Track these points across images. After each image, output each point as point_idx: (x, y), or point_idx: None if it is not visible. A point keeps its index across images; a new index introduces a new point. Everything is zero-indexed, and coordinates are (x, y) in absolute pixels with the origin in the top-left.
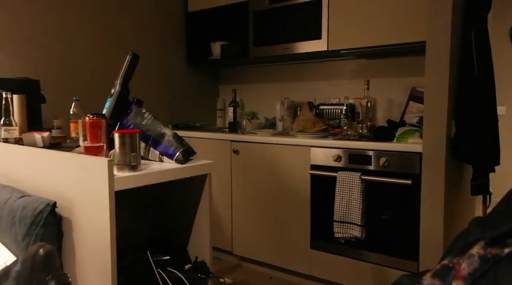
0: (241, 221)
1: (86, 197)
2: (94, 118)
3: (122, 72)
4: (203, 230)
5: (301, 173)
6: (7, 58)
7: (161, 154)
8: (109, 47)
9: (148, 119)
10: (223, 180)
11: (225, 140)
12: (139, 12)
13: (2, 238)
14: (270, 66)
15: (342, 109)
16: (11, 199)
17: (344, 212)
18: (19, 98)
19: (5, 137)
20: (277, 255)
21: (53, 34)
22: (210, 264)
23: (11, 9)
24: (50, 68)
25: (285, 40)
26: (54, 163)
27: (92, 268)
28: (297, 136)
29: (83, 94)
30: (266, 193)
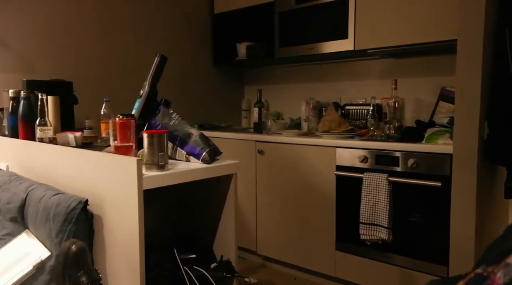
0: (265, 221)
1: (116, 195)
2: (124, 118)
3: (150, 74)
4: (228, 230)
5: (327, 174)
6: (43, 61)
7: (187, 154)
8: (138, 49)
9: (175, 119)
10: (248, 180)
11: (250, 141)
12: (166, 15)
13: (38, 233)
14: (295, 66)
15: (369, 109)
16: (46, 196)
17: (371, 214)
18: (54, 99)
19: (40, 137)
20: (302, 256)
21: (85, 38)
22: (235, 263)
23: (46, 16)
24: (82, 70)
25: (311, 40)
26: (86, 162)
27: (121, 264)
28: (322, 136)
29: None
30: (291, 194)
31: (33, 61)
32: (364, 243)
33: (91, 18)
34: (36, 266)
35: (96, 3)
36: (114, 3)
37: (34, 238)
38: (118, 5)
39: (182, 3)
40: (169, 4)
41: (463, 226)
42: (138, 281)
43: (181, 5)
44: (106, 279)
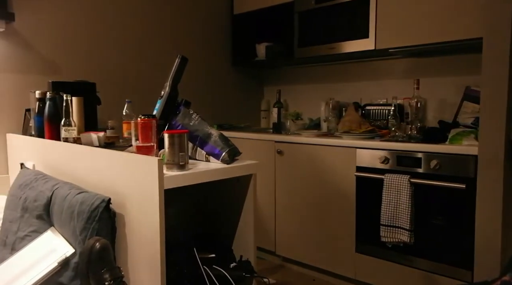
0: (284, 222)
1: (138, 194)
2: (146, 119)
3: (171, 75)
4: (247, 230)
5: (347, 175)
6: (68, 63)
7: (207, 154)
8: (158, 51)
9: (195, 120)
10: (267, 181)
11: (269, 141)
12: (186, 17)
13: (63, 231)
14: (315, 66)
15: (390, 109)
16: (70, 195)
17: (392, 216)
18: (78, 100)
19: (65, 137)
20: (321, 257)
21: (108, 40)
22: (254, 263)
23: (72, 20)
24: (105, 71)
25: (330, 40)
26: (108, 162)
27: (142, 262)
28: (342, 137)
29: (135, 96)
30: (310, 194)
31: (59, 63)
32: (384, 245)
33: (113, 21)
34: (61, 263)
35: (118, 6)
36: (136, 7)
37: (59, 235)
38: (139, 9)
39: (202, 5)
40: (189, 6)
41: (488, 230)
42: (159, 279)
43: (201, 7)
44: (128, 276)
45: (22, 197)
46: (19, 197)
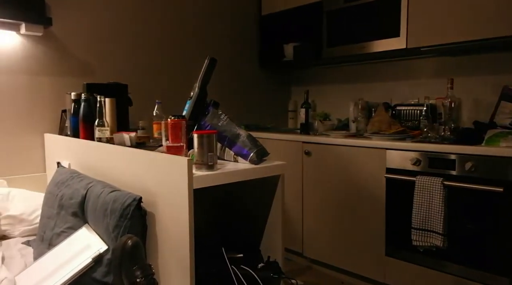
0: (312, 223)
1: (168, 193)
2: (175, 119)
3: (200, 76)
4: (275, 231)
5: (376, 177)
6: (102, 65)
7: (236, 154)
8: (188, 53)
9: (224, 120)
10: (295, 181)
11: (297, 142)
12: (214, 17)
13: (96, 228)
14: (343, 66)
15: (422, 110)
16: (103, 193)
17: (424, 219)
18: (110, 101)
19: (99, 137)
20: (350, 260)
21: (138, 43)
22: (282, 264)
23: (105, 24)
24: (136, 73)
25: (360, 39)
26: (139, 161)
27: (172, 260)
28: (372, 138)
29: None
30: (339, 196)
31: (93, 66)
32: (416, 249)
33: (144, 25)
34: (95, 259)
35: (148, 11)
36: (165, 11)
37: (93, 232)
38: (168, 12)
39: (230, 7)
40: (218, 9)
41: None
42: (188, 277)
43: (229, 8)
44: (158, 273)
45: (59, 194)
46: (55, 195)
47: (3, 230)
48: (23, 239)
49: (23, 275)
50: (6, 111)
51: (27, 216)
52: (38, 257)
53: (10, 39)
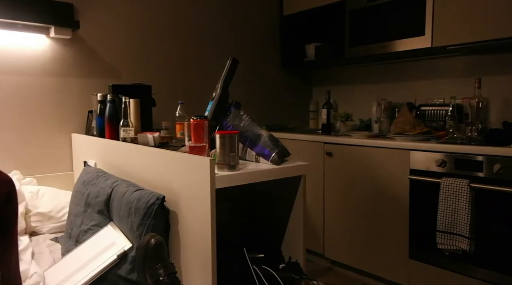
0: (333, 224)
1: (190, 193)
2: (198, 120)
3: (222, 77)
4: (296, 231)
5: (399, 178)
6: (126, 67)
7: (257, 155)
8: (210, 53)
9: (245, 121)
10: (316, 182)
11: (318, 142)
12: (237, 18)
13: (121, 225)
14: (366, 66)
15: (448, 110)
16: (128, 192)
17: (449, 222)
18: (135, 102)
19: (124, 137)
20: (372, 262)
21: (162, 45)
22: (303, 265)
23: (129, 27)
24: (160, 74)
25: (383, 38)
26: (163, 161)
27: (194, 259)
28: (395, 138)
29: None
30: (361, 197)
31: (118, 67)
32: (441, 252)
33: (167, 26)
34: (119, 256)
35: (171, 12)
36: (187, 11)
37: (118, 230)
38: (190, 13)
39: (252, 7)
40: (239, 9)
41: None
42: (210, 275)
43: (251, 9)
44: (180, 272)
45: (85, 193)
46: (82, 193)
47: (33, 226)
48: (51, 235)
49: (51, 270)
50: (36, 112)
51: (55, 213)
52: (65, 253)
53: (40, 42)
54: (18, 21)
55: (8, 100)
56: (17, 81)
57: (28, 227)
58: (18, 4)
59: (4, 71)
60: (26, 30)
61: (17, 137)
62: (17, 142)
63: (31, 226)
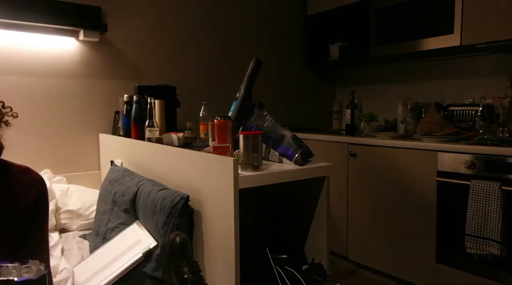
0: (357, 226)
1: (214, 193)
2: (222, 120)
3: (246, 77)
4: (320, 233)
5: (426, 180)
6: (152, 68)
7: (280, 155)
8: (233, 54)
9: (269, 121)
10: (339, 183)
11: (342, 143)
12: (260, 19)
13: (146, 224)
14: (391, 65)
15: (477, 110)
16: (153, 191)
17: (479, 226)
18: (160, 103)
19: (149, 137)
20: (397, 265)
21: (186, 46)
22: (327, 267)
23: (154, 30)
24: (184, 75)
25: (410, 37)
26: (187, 161)
27: (218, 258)
28: (422, 139)
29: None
30: (386, 199)
31: (144, 68)
32: (470, 257)
33: (191, 28)
34: (145, 254)
35: (194, 14)
36: (210, 13)
37: (143, 228)
38: (214, 14)
39: (275, 7)
40: (263, 9)
41: None
42: (233, 275)
43: (275, 9)
44: (204, 270)
45: (112, 191)
46: (109, 192)
47: (62, 223)
48: (80, 232)
49: (80, 266)
50: (65, 112)
51: (84, 211)
52: (93, 250)
53: (69, 45)
54: (50, 25)
55: (39, 102)
56: (48, 83)
57: (58, 224)
58: (50, 8)
59: (35, 73)
60: (57, 34)
61: (48, 137)
62: (48, 142)
63: (61, 223)
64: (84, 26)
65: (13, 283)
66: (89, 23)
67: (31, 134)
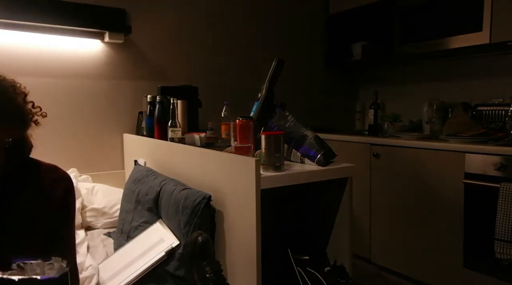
0: (380, 228)
1: (235, 193)
2: (244, 120)
3: (268, 77)
4: (342, 234)
5: (453, 182)
6: (174, 68)
7: (302, 156)
8: (254, 54)
9: (291, 121)
10: (362, 184)
11: (365, 144)
12: (283, 18)
13: (169, 223)
14: (415, 64)
15: (508, 110)
16: (176, 190)
17: (509, 230)
18: (182, 103)
19: (171, 137)
20: (422, 269)
21: (208, 46)
22: (349, 270)
23: (176, 32)
24: (205, 76)
25: (436, 35)
26: (209, 161)
27: (239, 258)
28: (448, 140)
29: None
30: (410, 201)
31: (166, 69)
32: (499, 262)
33: (213, 28)
34: (167, 253)
35: (216, 14)
36: (232, 13)
37: (166, 227)
38: (235, 15)
39: (297, 7)
40: (284, 9)
41: None
42: (254, 275)
43: (296, 9)
44: (225, 270)
45: (136, 190)
46: (133, 191)
47: (88, 221)
48: (104, 230)
49: (105, 263)
50: (90, 113)
51: (108, 209)
52: (117, 248)
53: (95, 46)
54: (78, 27)
55: (66, 102)
56: (75, 84)
57: (84, 222)
58: (77, 11)
59: (62, 74)
60: (83, 36)
61: (74, 137)
62: (74, 142)
63: (87, 221)
64: (109, 28)
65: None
66: (114, 25)
67: (58, 134)
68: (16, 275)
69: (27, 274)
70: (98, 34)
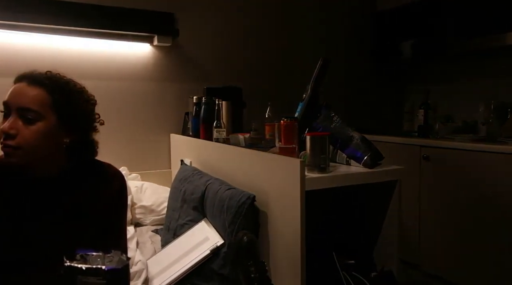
0: (431, 234)
1: (280, 194)
2: (288, 121)
3: (313, 77)
4: (390, 239)
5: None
6: (219, 70)
7: (348, 157)
8: (299, 54)
9: (336, 122)
10: (411, 188)
11: (414, 145)
12: (327, 17)
13: (214, 222)
14: (470, 61)
15: None
16: (220, 190)
17: None
18: (227, 104)
19: (216, 137)
20: (475, 279)
21: (253, 46)
22: (397, 276)
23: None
24: (250, 76)
25: (492, 31)
26: (253, 161)
27: (283, 259)
28: (508, 143)
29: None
30: (463, 206)
31: (211, 71)
32: None
33: (257, 29)
34: (213, 251)
35: (262, 14)
36: (276, 13)
37: (211, 226)
38: (279, 14)
39: (343, 6)
40: (330, 7)
41: None
42: (299, 278)
43: (342, 7)
44: (269, 271)
45: (182, 189)
46: (179, 190)
47: (137, 218)
48: (152, 227)
49: (153, 259)
50: (140, 114)
51: (156, 207)
52: (165, 244)
53: (144, 50)
54: (131, 32)
55: (116, 104)
56: (124, 86)
57: (133, 219)
58: (129, 16)
59: (113, 77)
60: (134, 40)
61: (124, 137)
62: (124, 141)
63: (136, 218)
64: (159, 32)
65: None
66: (163, 29)
67: (110, 134)
68: (81, 264)
69: (90, 264)
70: (147, 38)
